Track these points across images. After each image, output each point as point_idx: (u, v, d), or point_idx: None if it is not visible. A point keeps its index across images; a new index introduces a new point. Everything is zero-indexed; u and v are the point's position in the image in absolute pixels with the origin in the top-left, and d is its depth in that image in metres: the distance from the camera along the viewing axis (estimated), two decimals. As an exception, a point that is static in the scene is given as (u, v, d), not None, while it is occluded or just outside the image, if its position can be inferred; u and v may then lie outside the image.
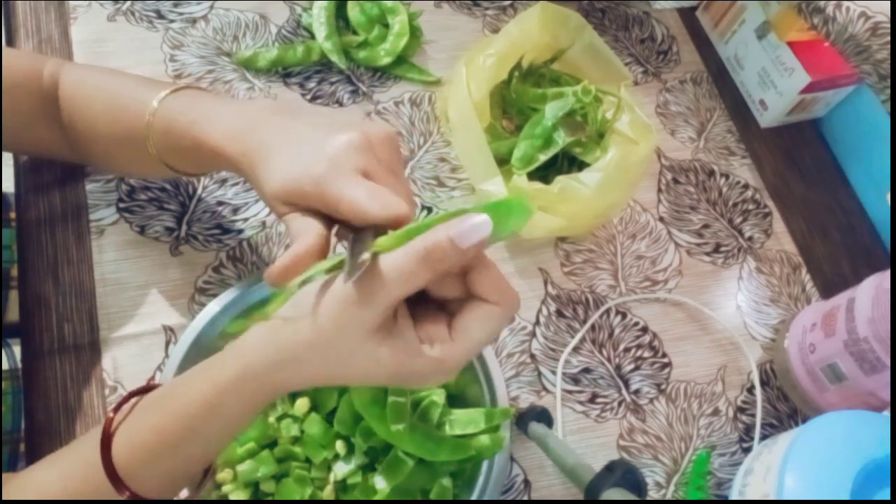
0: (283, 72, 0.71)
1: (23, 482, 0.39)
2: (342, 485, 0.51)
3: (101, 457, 0.38)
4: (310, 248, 0.38)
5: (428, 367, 0.37)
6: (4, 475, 0.40)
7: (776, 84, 0.75)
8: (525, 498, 0.57)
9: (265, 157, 0.41)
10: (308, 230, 0.39)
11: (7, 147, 0.55)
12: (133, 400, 0.41)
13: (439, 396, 0.53)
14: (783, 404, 0.64)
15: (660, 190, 0.73)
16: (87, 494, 0.38)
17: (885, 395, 0.56)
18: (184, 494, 0.45)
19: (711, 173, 0.75)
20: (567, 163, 0.67)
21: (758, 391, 0.63)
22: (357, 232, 0.39)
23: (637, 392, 0.62)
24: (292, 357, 0.37)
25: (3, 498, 0.38)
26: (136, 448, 0.38)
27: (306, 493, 0.50)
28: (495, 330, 0.38)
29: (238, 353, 0.38)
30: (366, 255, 0.35)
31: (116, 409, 0.40)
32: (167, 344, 0.57)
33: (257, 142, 0.42)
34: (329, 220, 0.41)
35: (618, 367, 0.63)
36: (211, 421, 0.38)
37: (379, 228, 0.38)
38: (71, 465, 0.40)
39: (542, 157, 0.64)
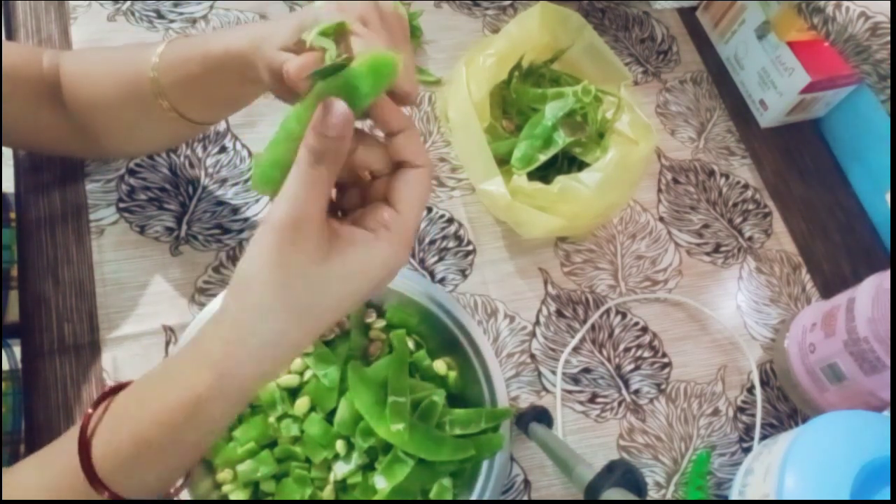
0: (283, 72, 0.71)
1: (5, 481, 0.39)
2: (342, 485, 0.51)
3: (79, 460, 0.37)
4: (316, 56, 0.38)
5: (390, 249, 0.37)
6: None
7: (776, 84, 0.75)
8: (525, 498, 0.57)
9: (271, 32, 0.42)
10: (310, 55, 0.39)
11: (9, 140, 0.54)
12: (108, 401, 0.40)
13: (439, 396, 0.53)
14: (783, 404, 0.64)
15: (660, 190, 0.73)
16: (66, 493, 0.37)
17: (885, 395, 0.56)
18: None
19: (711, 173, 0.75)
20: (567, 163, 0.67)
21: (758, 391, 0.63)
22: None
23: (637, 392, 0.62)
24: (263, 341, 0.36)
25: None
26: (119, 456, 0.37)
27: (306, 493, 0.50)
28: (427, 190, 0.39)
29: (209, 359, 0.36)
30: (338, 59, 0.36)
31: (94, 407, 0.39)
32: (167, 344, 0.57)
33: (265, 28, 0.43)
34: None
35: (618, 367, 0.63)
36: (193, 429, 0.37)
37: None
38: (51, 465, 0.39)
39: (542, 157, 0.64)
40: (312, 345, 0.53)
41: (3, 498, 0.38)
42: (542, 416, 0.56)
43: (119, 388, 0.40)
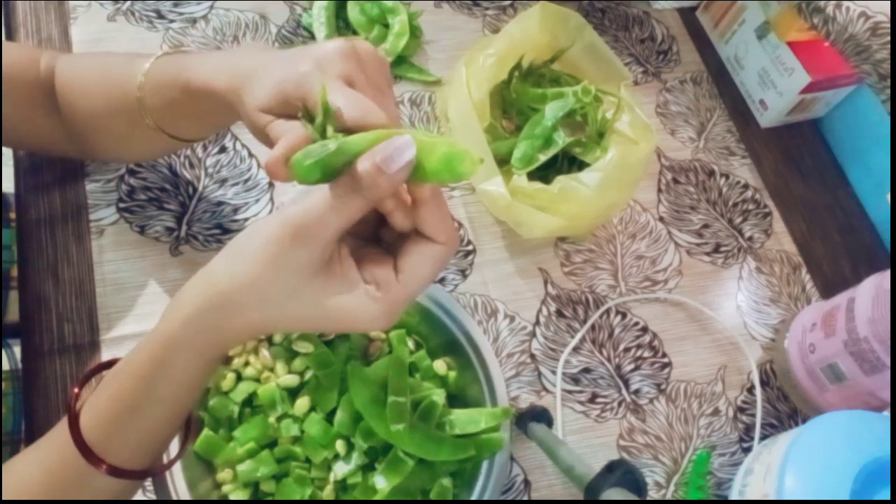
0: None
1: (5, 469, 0.39)
2: (342, 485, 0.51)
3: (70, 433, 0.37)
4: (297, 139, 0.37)
5: (372, 310, 0.36)
6: None
7: (776, 84, 0.75)
8: (525, 498, 0.57)
9: (251, 78, 0.41)
10: (291, 129, 0.38)
11: (7, 141, 0.55)
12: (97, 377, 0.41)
13: (439, 396, 0.53)
14: (783, 404, 0.64)
15: (660, 190, 0.73)
16: (67, 475, 0.38)
17: (885, 395, 0.56)
18: (174, 450, 0.45)
19: (711, 173, 0.75)
20: (567, 163, 0.67)
21: (758, 391, 0.63)
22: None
23: (637, 392, 0.62)
24: (231, 302, 0.36)
25: None
26: (101, 419, 0.38)
27: (306, 493, 0.50)
28: (439, 269, 0.38)
29: (179, 306, 0.38)
30: (331, 144, 0.34)
31: (81, 384, 0.40)
32: (167, 344, 0.57)
33: (244, 68, 0.41)
34: None
35: (618, 367, 0.63)
36: (163, 379, 0.38)
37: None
38: (48, 450, 0.40)
39: (542, 157, 0.64)
40: (313, 345, 0.53)
41: (3, 483, 0.38)
42: (542, 416, 0.56)
43: (105, 365, 0.41)
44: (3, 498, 0.38)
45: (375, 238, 0.41)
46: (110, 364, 0.41)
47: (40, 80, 0.53)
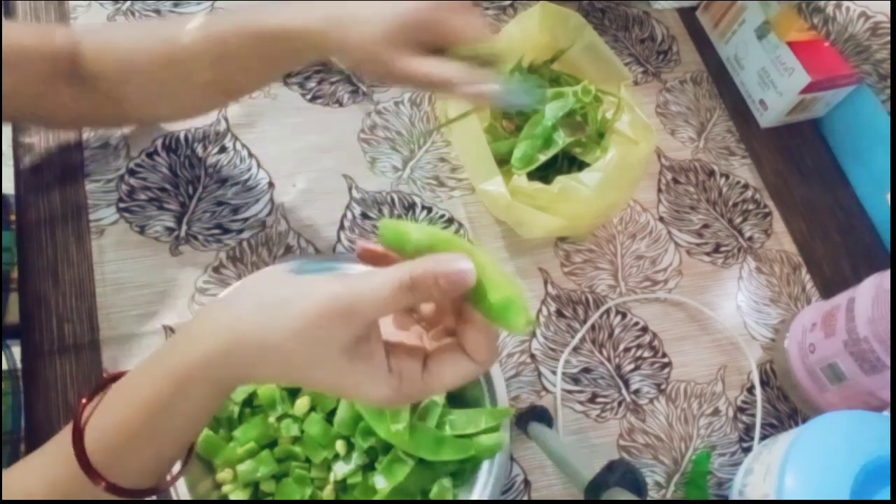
0: (283, 72, 0.71)
1: (6, 476, 0.39)
2: (342, 485, 0.51)
3: (73, 447, 0.37)
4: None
5: (385, 393, 0.37)
6: None
7: (776, 84, 0.75)
8: (525, 498, 0.57)
9: (356, 13, 0.41)
10: (443, 68, 0.40)
11: (23, 115, 0.54)
12: (104, 391, 0.40)
13: (439, 396, 0.53)
14: (783, 404, 0.64)
15: (660, 190, 0.73)
16: (68, 488, 0.38)
17: (885, 395, 0.56)
18: (175, 469, 0.45)
19: (711, 173, 0.75)
20: (567, 163, 0.67)
21: (758, 391, 0.63)
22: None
23: (637, 392, 0.62)
24: (255, 357, 0.36)
25: None
26: (107, 441, 0.38)
27: (306, 493, 0.50)
28: (465, 381, 0.39)
29: (197, 341, 0.37)
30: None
31: (90, 397, 0.40)
32: (167, 344, 0.57)
33: (338, 6, 0.43)
34: None
35: (618, 367, 0.63)
36: (174, 413, 0.38)
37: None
38: (50, 461, 0.39)
39: (542, 157, 0.64)
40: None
41: (4, 493, 0.38)
42: (542, 416, 0.56)
43: (114, 377, 0.40)
44: None
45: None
46: (117, 377, 0.41)
47: (58, 51, 0.52)
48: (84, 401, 0.39)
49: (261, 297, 0.37)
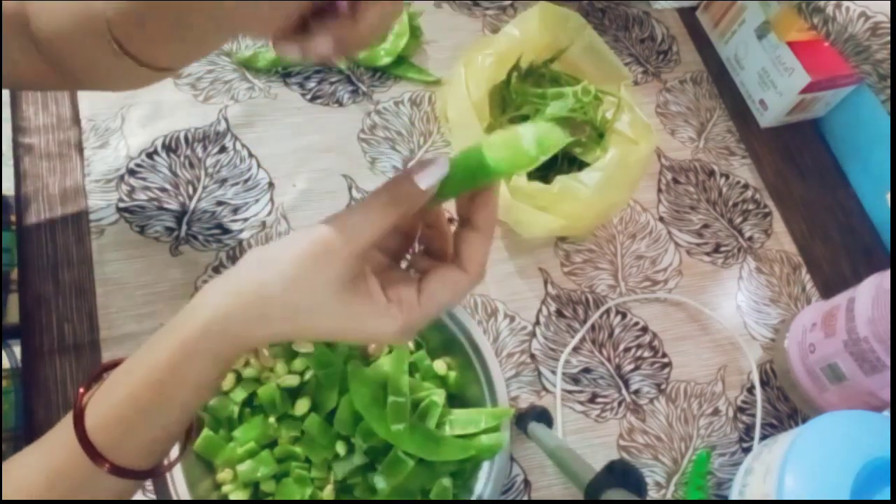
0: (282, 72, 0.71)
1: (6, 468, 0.39)
2: (342, 485, 0.52)
3: (74, 432, 0.37)
4: None
5: (391, 327, 0.37)
6: None
7: (776, 84, 0.75)
8: (525, 498, 0.57)
9: None
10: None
11: (12, 84, 0.52)
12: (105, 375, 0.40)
13: (439, 396, 0.53)
14: (783, 404, 0.64)
15: (660, 190, 0.73)
16: (69, 475, 0.38)
17: (885, 395, 0.56)
18: (174, 454, 0.44)
19: (711, 173, 0.75)
20: (567, 163, 0.67)
21: (758, 391, 0.63)
22: None
23: (637, 392, 0.62)
24: (258, 313, 0.36)
25: None
26: (111, 420, 0.38)
27: (306, 493, 0.50)
28: (461, 297, 0.39)
29: (199, 310, 0.37)
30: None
31: (88, 385, 0.39)
32: (167, 344, 0.57)
33: None
34: None
35: (618, 367, 0.63)
36: (178, 384, 0.38)
37: None
38: (49, 449, 0.39)
39: (542, 157, 0.64)
40: (313, 345, 0.53)
41: (4, 481, 0.38)
42: (542, 416, 0.56)
43: (112, 365, 0.40)
44: (3, 497, 0.38)
45: (400, 260, 0.43)
46: (115, 364, 0.41)
47: (8, 13, 0.47)
48: (82, 390, 0.39)
49: (256, 258, 0.38)
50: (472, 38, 0.77)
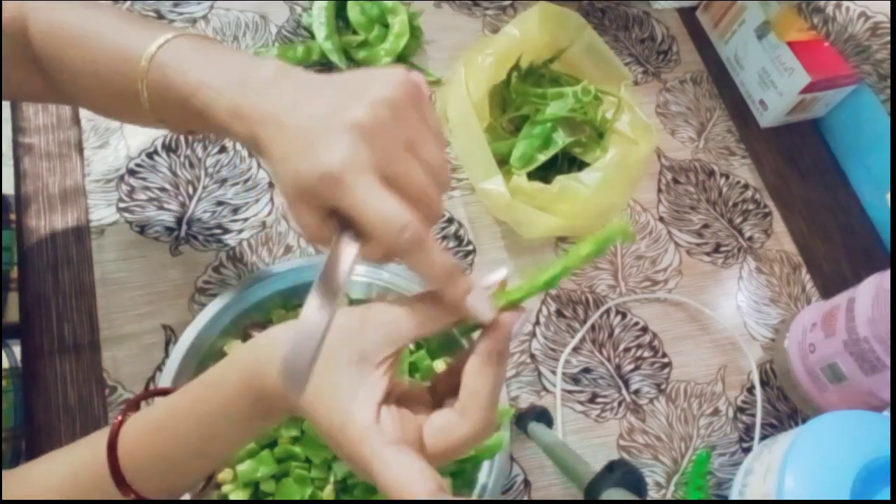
0: (283, 72, 0.71)
1: (27, 475, 0.39)
2: (342, 485, 0.51)
3: (107, 460, 0.37)
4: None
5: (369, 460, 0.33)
6: (6, 472, 0.39)
7: (776, 84, 0.75)
8: (525, 498, 0.57)
9: (275, 143, 0.35)
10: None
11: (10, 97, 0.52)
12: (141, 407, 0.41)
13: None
14: (783, 404, 0.64)
15: (660, 190, 0.73)
16: (93, 491, 0.38)
17: (885, 395, 0.56)
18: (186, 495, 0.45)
19: (711, 173, 0.75)
20: (567, 163, 0.67)
21: (758, 391, 0.63)
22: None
23: (637, 392, 0.62)
24: (305, 412, 0.35)
25: (7, 492, 0.38)
26: (146, 457, 0.38)
27: (306, 493, 0.50)
28: (461, 446, 0.34)
29: (243, 368, 0.37)
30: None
31: (124, 413, 0.40)
32: (167, 344, 0.57)
33: (265, 123, 0.36)
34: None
35: (618, 367, 0.63)
36: (221, 438, 0.38)
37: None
38: (78, 463, 0.39)
39: (542, 157, 0.64)
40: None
41: (23, 487, 0.38)
42: (542, 416, 0.56)
43: (158, 392, 0.40)
44: (27, 497, 0.38)
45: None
46: (156, 393, 0.41)
47: (7, 34, 0.46)
48: (120, 417, 0.39)
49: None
50: (472, 38, 0.77)
